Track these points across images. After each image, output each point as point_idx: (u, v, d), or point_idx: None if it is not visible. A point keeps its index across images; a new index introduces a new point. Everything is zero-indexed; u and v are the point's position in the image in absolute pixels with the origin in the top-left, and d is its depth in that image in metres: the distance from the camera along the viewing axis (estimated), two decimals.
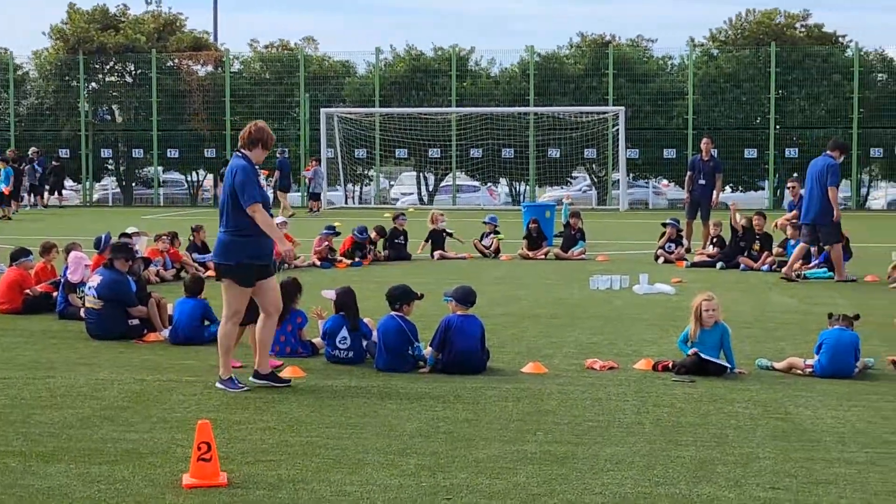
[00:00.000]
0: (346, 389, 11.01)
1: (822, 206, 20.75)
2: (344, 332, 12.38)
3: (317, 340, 12.88)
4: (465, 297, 12.19)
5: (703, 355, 11.55)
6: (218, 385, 10.94)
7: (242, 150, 11.14)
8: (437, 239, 25.50)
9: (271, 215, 11.19)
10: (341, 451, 8.71)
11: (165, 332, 13.90)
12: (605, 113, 49.48)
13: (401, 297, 12.33)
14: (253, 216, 10.78)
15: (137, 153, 55.28)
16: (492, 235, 25.78)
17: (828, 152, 21.27)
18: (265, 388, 11.01)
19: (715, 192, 26.35)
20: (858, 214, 45.98)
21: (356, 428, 9.47)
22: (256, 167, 11.11)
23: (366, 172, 55.20)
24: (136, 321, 14.11)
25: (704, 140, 26.93)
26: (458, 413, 10.02)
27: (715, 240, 24.09)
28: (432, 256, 25.05)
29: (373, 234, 24.50)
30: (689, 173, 26.81)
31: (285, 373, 11.58)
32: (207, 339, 13.39)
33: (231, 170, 10.99)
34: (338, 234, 23.93)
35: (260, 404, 10.37)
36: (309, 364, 12.23)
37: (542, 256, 25.10)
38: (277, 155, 43.79)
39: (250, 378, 11.12)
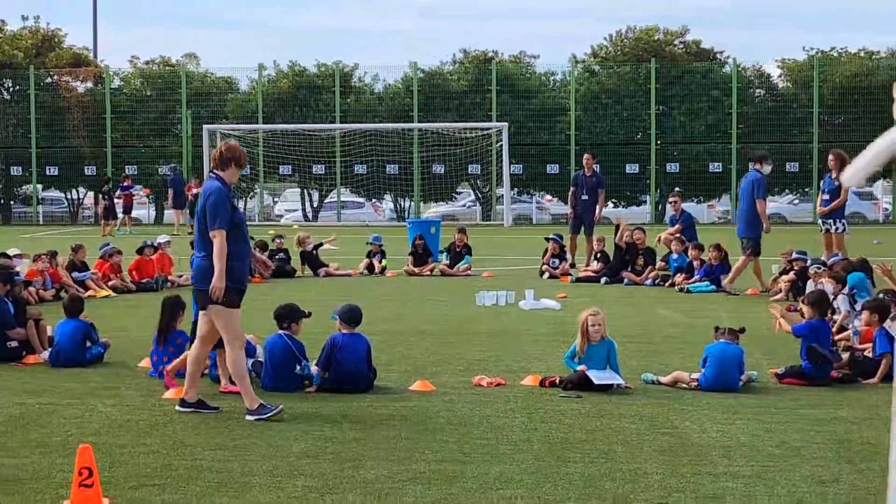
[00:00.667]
0: (231, 410, 10.84)
1: (748, 220, 21.30)
2: None
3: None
4: (351, 315, 12.10)
5: (593, 378, 11.55)
6: (249, 418, 10.47)
7: (216, 172, 10.84)
8: (310, 260, 25.27)
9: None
10: (227, 473, 8.57)
11: (45, 355, 13.59)
12: (488, 129, 49.71)
13: (288, 315, 12.20)
14: (214, 240, 10.53)
15: (16, 171, 54.25)
16: (377, 256, 25.65)
17: (754, 167, 21.70)
18: (150, 410, 10.81)
19: (598, 207, 26.52)
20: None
21: (242, 450, 9.32)
22: (230, 188, 10.80)
23: (249, 189, 54.79)
24: (14, 343, 13.77)
25: (586, 156, 27.10)
26: (345, 433, 9.92)
27: (599, 255, 24.25)
28: (317, 274, 24.87)
29: (256, 251, 24.24)
30: (571, 189, 26.97)
31: (168, 395, 11.39)
32: (89, 360, 13.14)
33: (205, 192, 10.71)
34: None
35: (143, 427, 10.18)
36: None
37: (428, 272, 25.07)
38: (168, 172, 43.34)
39: (176, 407, 10.82)
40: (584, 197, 26.38)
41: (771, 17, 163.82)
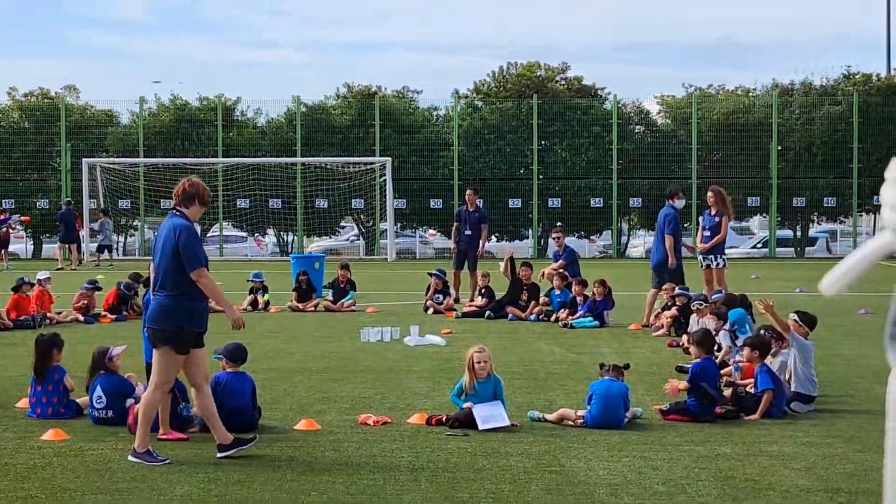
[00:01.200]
0: (112, 452, 10.64)
1: (662, 255, 21.75)
2: (99, 391, 11.98)
3: (81, 400, 12.44)
4: (236, 353, 11.99)
5: (478, 422, 11.51)
6: (131, 458, 10.26)
7: (179, 209, 10.66)
8: None
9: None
10: None
11: None
12: (372, 163, 49.70)
13: None
14: (198, 281, 10.38)
15: None
16: (260, 292, 25.41)
17: (668, 202, 21.99)
18: (28, 453, 10.56)
19: (481, 242, 26.61)
20: (618, 263, 47.22)
21: (124, 493, 9.15)
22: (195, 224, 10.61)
23: (130, 223, 54.09)
24: None
25: (469, 191, 27.17)
26: (229, 475, 9.78)
27: (483, 290, 24.29)
28: None
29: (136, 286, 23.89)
30: (455, 224, 27.04)
31: (46, 436, 11.15)
32: None
33: (173, 229, 10.48)
34: (99, 288, 23.26)
35: (21, 471, 9.94)
36: (73, 426, 11.80)
37: (312, 308, 24.92)
38: (63, 206, 42.73)
39: (217, 455, 10.46)
40: (468, 232, 26.46)
41: (650, 54, 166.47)
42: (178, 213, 10.67)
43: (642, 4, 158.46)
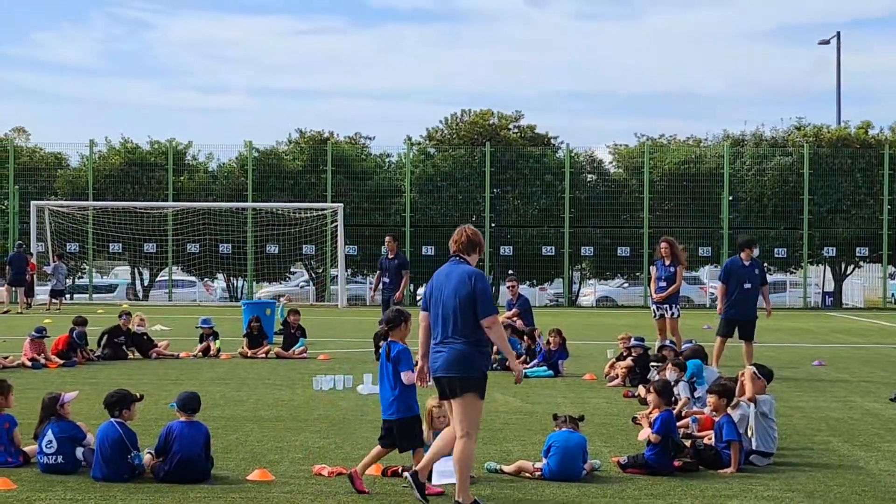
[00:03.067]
0: (60, 503, 10.36)
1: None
2: (50, 436, 11.73)
3: (29, 448, 12.16)
4: (188, 403, 11.75)
5: (433, 477, 11.33)
6: None
7: (462, 256, 10.76)
8: (138, 342, 24.57)
9: None
10: None
11: None
12: (323, 209, 49.52)
13: (120, 401, 11.79)
14: (490, 327, 10.36)
15: None
16: (211, 338, 25.10)
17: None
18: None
19: (401, 287, 26.31)
20: (570, 311, 47.20)
21: None
22: None
23: (78, 267, 53.56)
24: None
25: (388, 238, 26.94)
26: None
27: None
28: (148, 356, 24.22)
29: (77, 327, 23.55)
30: (377, 272, 26.84)
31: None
32: None
33: (468, 275, 10.48)
34: (46, 336, 22.85)
35: None
36: (21, 475, 11.51)
37: (263, 355, 24.64)
38: (14, 249, 42.33)
39: None
40: (386, 279, 26.22)
41: (603, 104, 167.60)
42: (461, 259, 10.74)
43: (595, 54, 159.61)
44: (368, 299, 27.17)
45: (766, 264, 52.81)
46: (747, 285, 21.38)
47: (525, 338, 22.71)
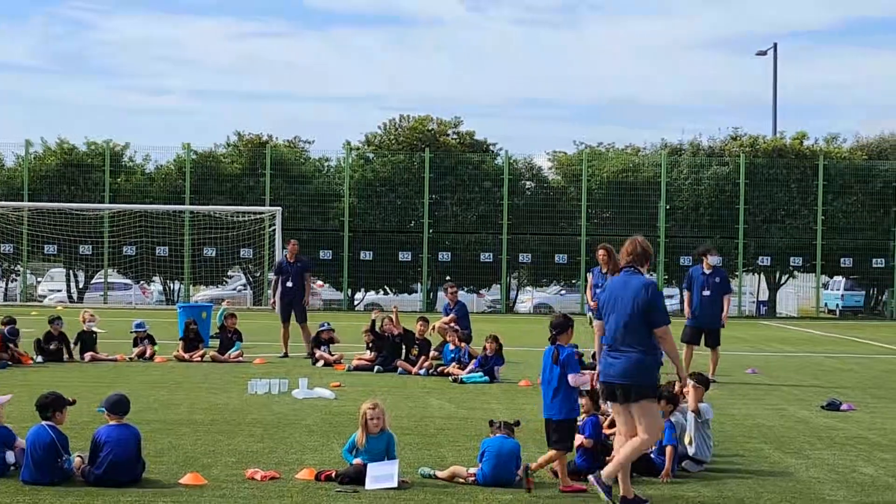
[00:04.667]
0: None
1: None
2: None
3: None
4: (116, 406, 11.65)
5: (367, 480, 11.31)
6: None
7: (636, 266, 11.14)
8: (86, 339, 24.51)
9: None
10: None
11: None
12: (261, 213, 49.34)
13: (52, 404, 11.69)
14: (662, 337, 10.85)
15: None
16: (146, 341, 24.94)
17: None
18: None
19: (305, 291, 26.31)
20: (507, 318, 47.31)
21: None
22: None
23: (12, 268, 53.03)
24: None
25: (291, 242, 26.85)
26: None
27: (371, 344, 23.99)
28: (82, 358, 24.05)
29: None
30: (277, 277, 26.82)
31: None
32: None
33: (644, 286, 10.90)
34: None
35: None
36: None
37: (199, 359, 24.51)
38: None
39: None
40: (290, 284, 26.20)
41: (543, 111, 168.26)
42: (635, 270, 11.11)
43: (536, 62, 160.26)
44: (269, 304, 27.04)
45: None
46: (706, 293, 21.95)
47: (461, 343, 22.77)
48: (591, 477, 10.94)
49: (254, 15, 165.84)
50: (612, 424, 14.14)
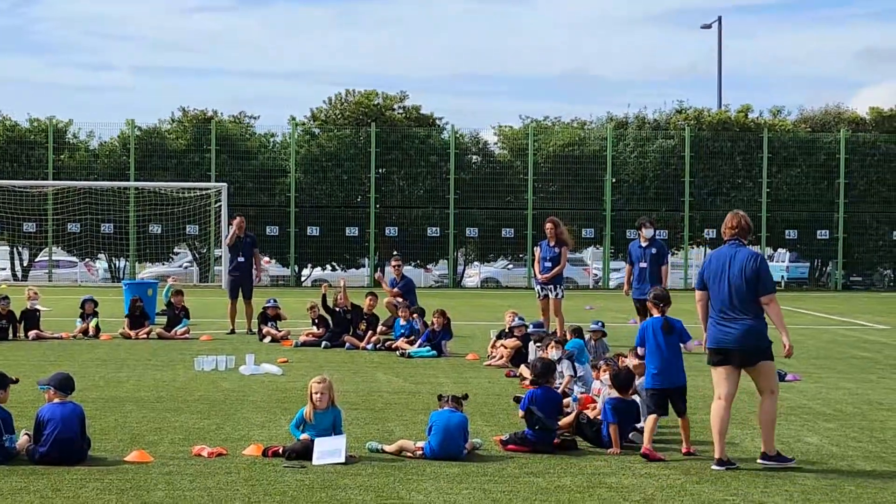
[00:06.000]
0: None
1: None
2: None
3: None
4: (63, 383, 11.58)
5: (314, 456, 11.30)
6: (761, 461, 11.66)
7: (741, 240, 11.86)
8: (30, 317, 24.30)
9: None
10: None
11: None
12: (207, 189, 49.05)
13: None
14: (769, 304, 11.62)
15: None
16: (90, 317, 24.75)
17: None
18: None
19: (255, 268, 26.27)
20: (454, 292, 47.36)
21: None
22: None
23: None
24: None
25: (238, 218, 26.61)
26: None
27: (317, 320, 23.92)
28: (27, 336, 23.85)
29: None
30: (228, 254, 26.78)
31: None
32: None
33: (752, 256, 11.65)
34: None
35: None
36: None
37: (145, 336, 24.35)
38: None
39: (759, 460, 11.68)
40: (241, 259, 26.11)
41: (488, 86, 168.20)
42: (740, 242, 11.83)
43: (482, 36, 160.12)
44: (224, 282, 26.94)
45: None
46: (643, 264, 22.54)
47: (409, 314, 22.77)
48: (760, 460, 11.68)
49: None
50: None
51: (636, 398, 12.95)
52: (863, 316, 33.81)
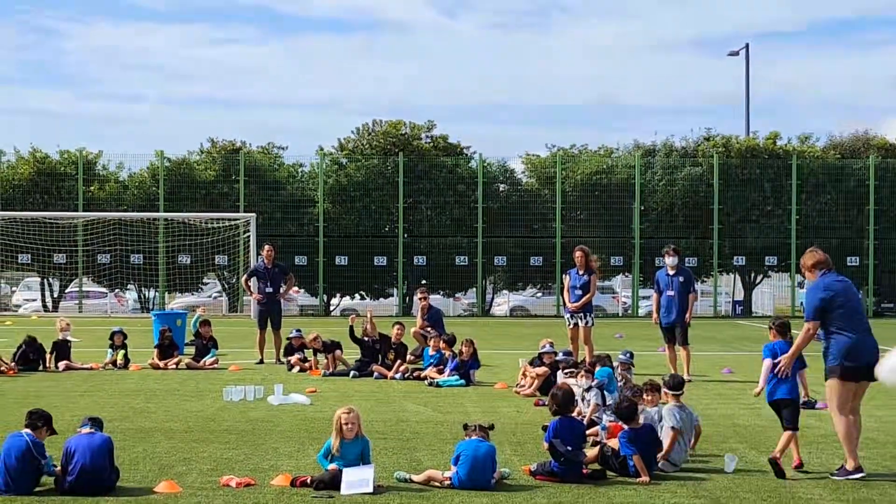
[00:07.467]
0: None
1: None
2: None
3: None
4: (93, 418, 11.65)
5: (342, 487, 11.29)
6: (837, 477, 12.33)
7: (833, 269, 13.41)
8: (61, 348, 24.40)
9: None
10: None
11: None
12: (236, 219, 49.20)
13: (42, 420, 11.72)
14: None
15: None
16: (120, 349, 24.82)
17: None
18: None
19: (289, 290, 26.44)
20: (483, 321, 47.28)
21: None
22: None
23: None
24: None
25: (267, 247, 26.89)
26: None
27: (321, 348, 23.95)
28: (56, 367, 23.94)
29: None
30: (253, 279, 26.97)
31: None
32: None
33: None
34: None
35: None
36: None
37: (174, 366, 24.42)
38: None
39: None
40: (269, 289, 26.27)
41: (516, 114, 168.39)
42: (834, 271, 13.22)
43: (509, 65, 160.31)
44: (254, 312, 27.19)
45: None
46: (670, 292, 22.38)
47: (442, 344, 22.71)
48: (835, 476, 12.43)
49: (226, 21, 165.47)
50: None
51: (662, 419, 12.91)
52: (894, 342, 33.54)
